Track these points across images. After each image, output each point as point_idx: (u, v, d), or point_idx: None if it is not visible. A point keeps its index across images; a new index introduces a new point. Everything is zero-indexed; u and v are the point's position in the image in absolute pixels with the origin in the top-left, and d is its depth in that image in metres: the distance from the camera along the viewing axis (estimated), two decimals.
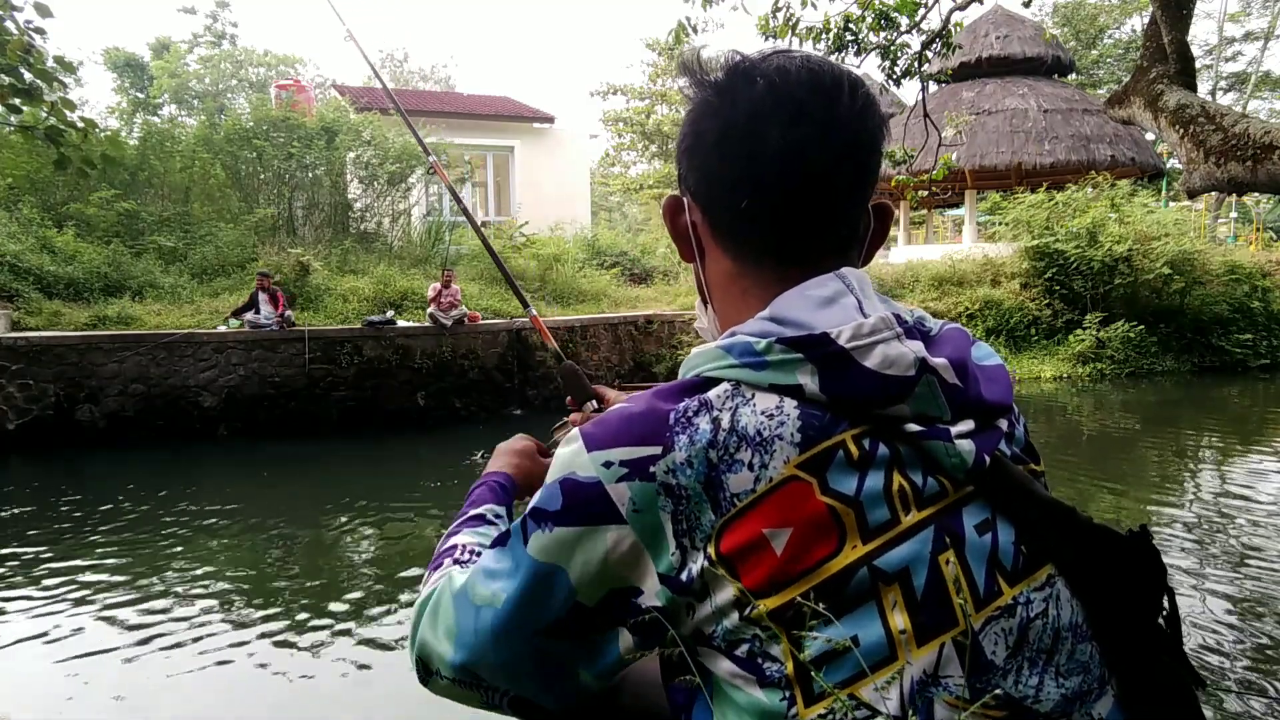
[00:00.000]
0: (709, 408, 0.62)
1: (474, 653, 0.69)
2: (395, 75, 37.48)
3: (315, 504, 5.91)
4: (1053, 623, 0.64)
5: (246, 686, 3.05)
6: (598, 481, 0.63)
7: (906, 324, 0.67)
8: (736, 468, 0.60)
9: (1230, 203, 21.12)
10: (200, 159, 11.46)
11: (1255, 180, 2.82)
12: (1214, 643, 3.19)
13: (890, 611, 0.60)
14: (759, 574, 0.59)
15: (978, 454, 0.63)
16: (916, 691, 0.59)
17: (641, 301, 12.13)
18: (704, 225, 0.75)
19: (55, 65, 3.62)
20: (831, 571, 0.59)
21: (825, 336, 0.63)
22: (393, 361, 8.72)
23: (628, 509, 0.62)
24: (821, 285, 0.67)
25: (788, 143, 0.67)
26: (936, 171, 5.58)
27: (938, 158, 5.70)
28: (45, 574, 4.29)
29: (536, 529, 0.65)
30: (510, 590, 0.66)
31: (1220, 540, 4.48)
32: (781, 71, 0.69)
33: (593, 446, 0.64)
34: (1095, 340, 11.38)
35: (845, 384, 0.62)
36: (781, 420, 0.61)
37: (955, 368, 0.65)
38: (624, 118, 28.25)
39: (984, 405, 0.67)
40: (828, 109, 0.68)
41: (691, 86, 0.74)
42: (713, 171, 0.72)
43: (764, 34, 4.95)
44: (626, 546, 0.62)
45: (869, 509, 0.61)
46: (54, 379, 7.55)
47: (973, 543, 0.63)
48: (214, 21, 33.30)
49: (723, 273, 0.74)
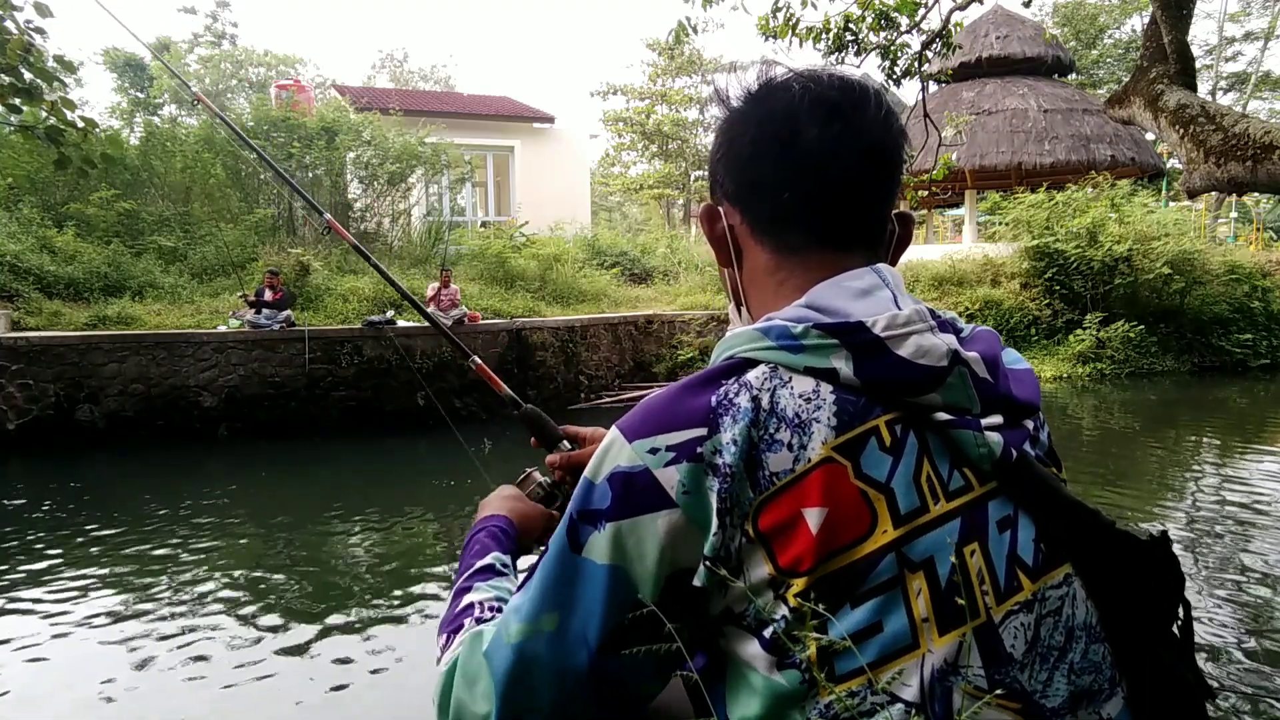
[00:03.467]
0: (749, 388, 0.64)
1: (522, 700, 0.65)
2: (395, 75, 37.47)
3: (315, 504, 5.90)
4: (1066, 621, 0.65)
5: (246, 686, 3.05)
6: (645, 469, 0.63)
7: (940, 318, 0.69)
8: (776, 447, 0.62)
9: (1230, 203, 21.10)
10: (201, 159, 11.46)
11: (1255, 180, 2.82)
12: (1213, 643, 3.18)
13: (914, 599, 0.61)
14: (793, 552, 0.61)
15: (1005, 446, 0.65)
16: (936, 680, 0.60)
17: (641, 301, 12.13)
18: (742, 226, 0.77)
19: (55, 65, 3.62)
20: (862, 554, 0.61)
21: (861, 324, 0.64)
22: (393, 361, 8.71)
23: (677, 491, 0.62)
24: (858, 277, 0.70)
25: (824, 139, 0.71)
26: (936, 171, 5.58)
27: (938, 158, 5.70)
28: (44, 574, 4.29)
29: (592, 531, 0.64)
30: (567, 606, 0.64)
31: (1220, 540, 4.48)
32: (814, 78, 0.73)
33: (634, 436, 0.64)
34: (1095, 340, 11.38)
35: (879, 370, 0.63)
36: (819, 404, 0.63)
37: (987, 363, 0.66)
38: (624, 118, 28.22)
39: (1013, 403, 0.68)
40: (859, 111, 0.72)
41: (720, 107, 0.78)
42: (750, 171, 0.74)
43: (764, 34, 4.95)
44: (679, 530, 0.62)
45: (900, 495, 0.62)
46: (54, 379, 7.54)
47: (995, 537, 0.64)
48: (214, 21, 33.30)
49: (760, 268, 0.76)
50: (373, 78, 37.24)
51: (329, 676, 3.12)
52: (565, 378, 9.75)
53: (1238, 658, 3.08)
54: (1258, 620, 3.41)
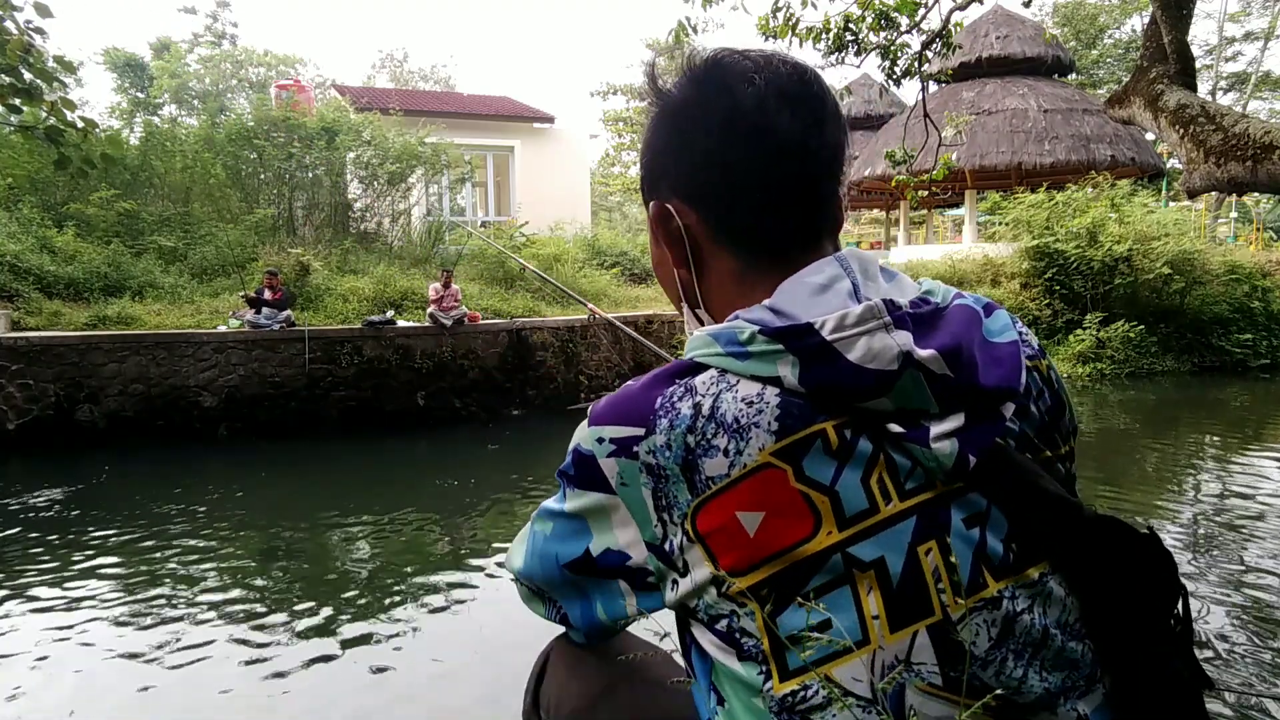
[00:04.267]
0: (693, 393, 0.64)
1: (528, 566, 0.79)
2: (395, 75, 37.46)
3: (315, 504, 5.90)
4: (1039, 620, 0.63)
5: (246, 686, 3.05)
6: (592, 455, 0.67)
7: (899, 311, 0.64)
8: (712, 453, 0.62)
9: (1230, 203, 21.11)
10: (201, 159, 11.46)
11: (1255, 180, 2.82)
12: (1213, 642, 3.18)
13: (865, 596, 0.61)
14: (733, 554, 0.62)
15: (961, 454, 0.62)
16: (887, 675, 0.60)
17: (641, 301, 12.13)
18: (699, 226, 0.74)
19: (55, 65, 3.62)
20: (805, 554, 0.61)
21: (808, 327, 0.63)
22: (393, 361, 8.71)
23: (616, 482, 0.66)
24: (819, 271, 0.68)
25: (794, 132, 0.69)
26: (936, 171, 5.58)
27: (938, 158, 5.70)
28: (44, 574, 4.29)
29: (564, 486, 0.72)
30: (547, 529, 0.75)
31: (1220, 541, 4.48)
32: (768, 65, 0.71)
33: (592, 422, 0.68)
34: (1095, 340, 11.37)
35: (824, 376, 0.62)
36: (760, 408, 0.62)
37: (947, 356, 0.62)
38: (624, 118, 28.26)
39: (982, 392, 0.64)
40: (821, 99, 0.71)
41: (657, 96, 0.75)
42: (713, 169, 0.71)
43: (764, 34, 4.95)
44: (618, 514, 0.67)
45: (845, 497, 0.61)
46: (54, 379, 7.54)
47: (959, 535, 0.63)
48: (214, 21, 33.33)
49: (726, 271, 0.74)
50: (373, 78, 37.27)
51: (329, 676, 3.11)
52: (565, 378, 9.75)
53: (1237, 656, 3.08)
54: (1258, 619, 3.41)
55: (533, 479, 6.46)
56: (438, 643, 3.39)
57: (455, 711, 2.83)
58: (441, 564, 4.44)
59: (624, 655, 0.89)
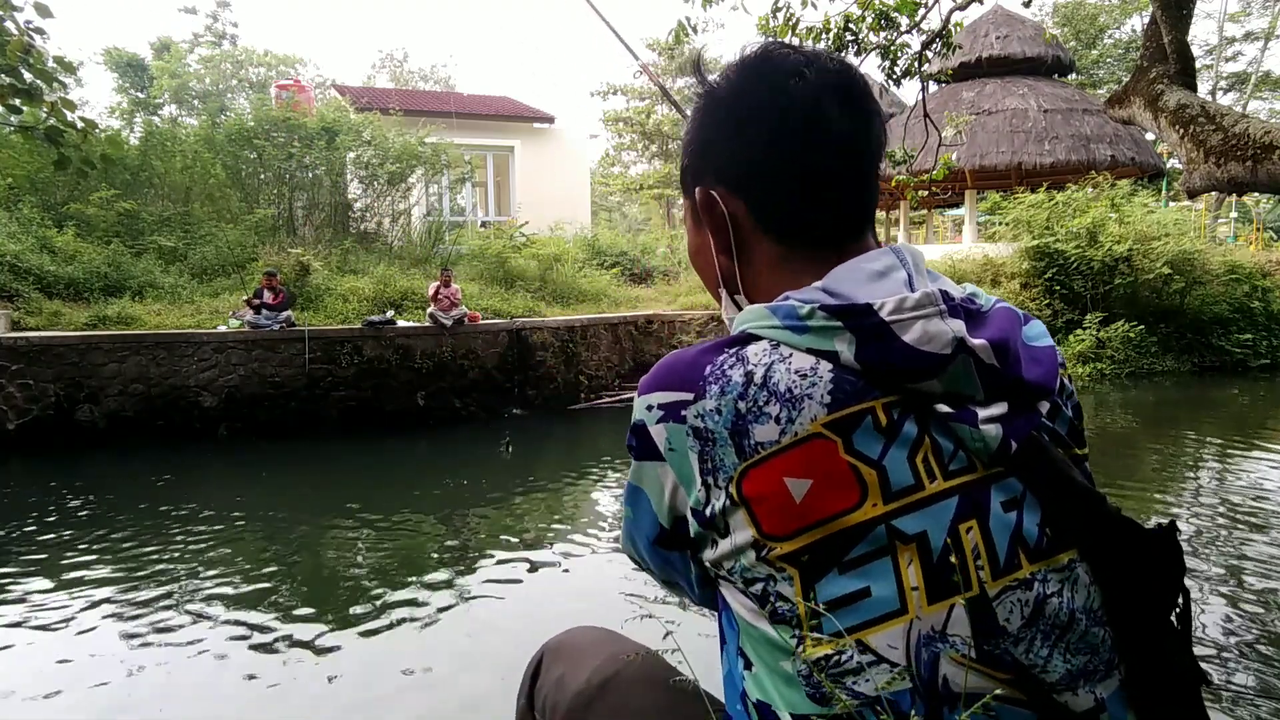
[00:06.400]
0: (744, 361, 0.66)
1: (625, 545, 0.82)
2: (395, 75, 37.45)
3: (315, 504, 5.90)
4: (1067, 604, 0.65)
5: (246, 686, 3.05)
6: (643, 423, 0.69)
7: (953, 301, 0.67)
8: (763, 420, 0.64)
9: (1230, 203, 21.10)
10: (201, 159, 11.45)
11: (1255, 180, 2.82)
12: (1213, 641, 3.18)
13: (905, 568, 0.63)
14: (776, 518, 0.63)
15: (1004, 439, 0.65)
16: (923, 644, 0.62)
17: (642, 301, 12.13)
18: (744, 215, 0.75)
19: (55, 65, 3.61)
20: (849, 524, 0.63)
21: (868, 307, 0.65)
22: (393, 361, 8.71)
23: (664, 448, 0.68)
24: (875, 259, 0.70)
25: (845, 126, 0.72)
26: (936, 171, 5.57)
27: (938, 158, 5.70)
28: (43, 574, 4.29)
29: (632, 461, 0.74)
30: (632, 507, 0.77)
31: (1220, 541, 4.48)
32: (817, 60, 0.73)
33: (641, 391, 0.70)
34: (1095, 340, 11.37)
35: (880, 355, 0.64)
36: (814, 381, 0.64)
37: (995, 348, 0.66)
38: (624, 118, 28.25)
39: (1024, 386, 0.68)
40: (867, 95, 0.74)
41: (703, 84, 0.77)
42: (763, 158, 0.73)
43: (764, 34, 4.95)
44: (672, 481, 0.69)
45: (892, 472, 0.63)
46: (54, 379, 7.54)
47: (997, 517, 0.65)
48: (214, 21, 33.34)
49: (767, 259, 0.76)
50: (373, 78, 37.26)
51: (328, 676, 3.11)
52: (565, 378, 9.75)
53: (1237, 655, 3.08)
54: (1258, 619, 3.41)
55: (533, 478, 6.46)
56: (436, 642, 3.40)
57: (452, 711, 2.83)
58: (441, 564, 4.44)
59: (622, 655, 0.89)
